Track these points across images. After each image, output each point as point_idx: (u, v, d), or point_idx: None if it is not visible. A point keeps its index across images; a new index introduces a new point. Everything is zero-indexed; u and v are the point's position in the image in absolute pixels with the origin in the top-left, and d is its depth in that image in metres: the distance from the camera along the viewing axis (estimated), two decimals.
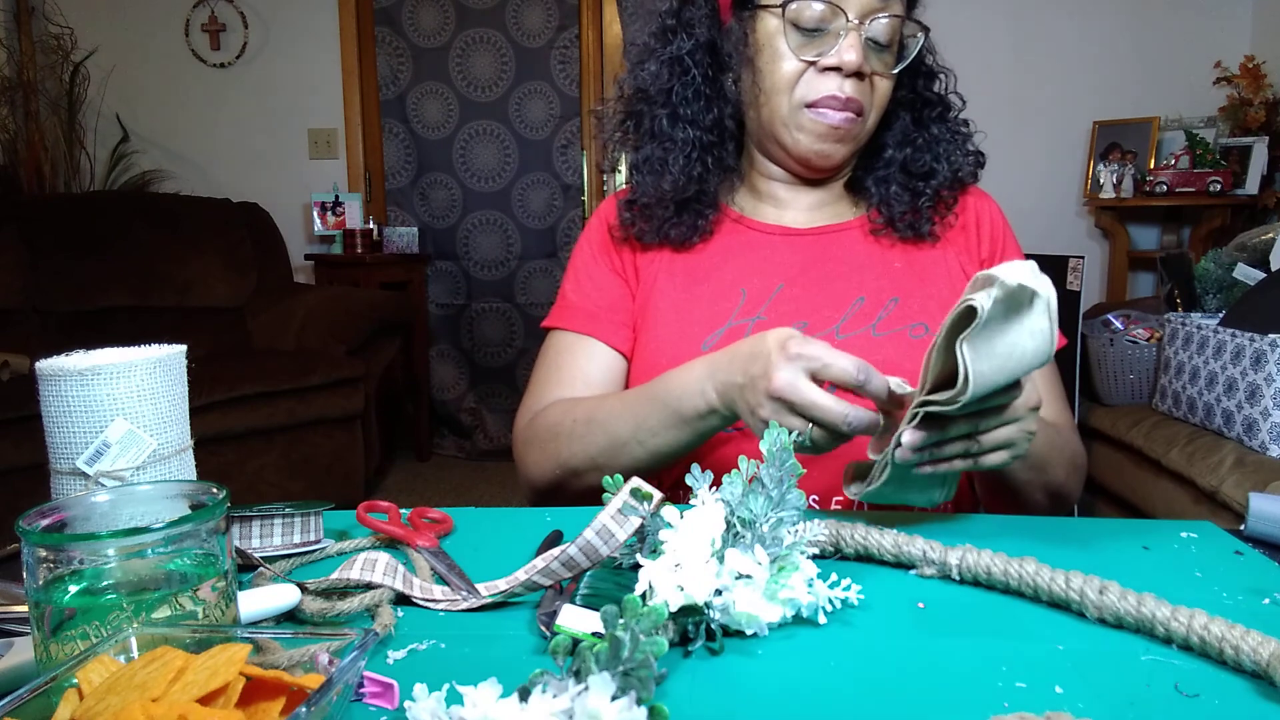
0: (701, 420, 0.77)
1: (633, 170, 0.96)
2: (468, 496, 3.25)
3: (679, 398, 0.78)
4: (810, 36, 0.86)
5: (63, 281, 3.03)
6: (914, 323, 0.90)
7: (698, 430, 0.79)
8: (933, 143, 0.94)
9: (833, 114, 0.86)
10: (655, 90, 0.93)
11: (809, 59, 0.86)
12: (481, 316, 3.87)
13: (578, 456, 0.85)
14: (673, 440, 0.80)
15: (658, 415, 0.79)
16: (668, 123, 0.92)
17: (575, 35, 3.66)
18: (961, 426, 0.64)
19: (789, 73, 0.86)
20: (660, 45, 0.93)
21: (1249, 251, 2.28)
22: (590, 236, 1.01)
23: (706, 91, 0.92)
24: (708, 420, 0.77)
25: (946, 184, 0.94)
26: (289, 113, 3.73)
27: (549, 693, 0.39)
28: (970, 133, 0.97)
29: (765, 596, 0.53)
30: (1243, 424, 1.87)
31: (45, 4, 3.56)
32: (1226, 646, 0.49)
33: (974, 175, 0.97)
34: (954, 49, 1.00)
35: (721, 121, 0.92)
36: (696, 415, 0.77)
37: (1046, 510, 0.87)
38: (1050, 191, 3.46)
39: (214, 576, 0.48)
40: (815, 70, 0.86)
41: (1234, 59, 3.10)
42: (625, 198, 0.97)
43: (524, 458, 0.92)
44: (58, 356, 0.60)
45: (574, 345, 0.95)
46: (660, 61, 0.92)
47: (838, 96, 0.85)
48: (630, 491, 0.57)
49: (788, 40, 0.86)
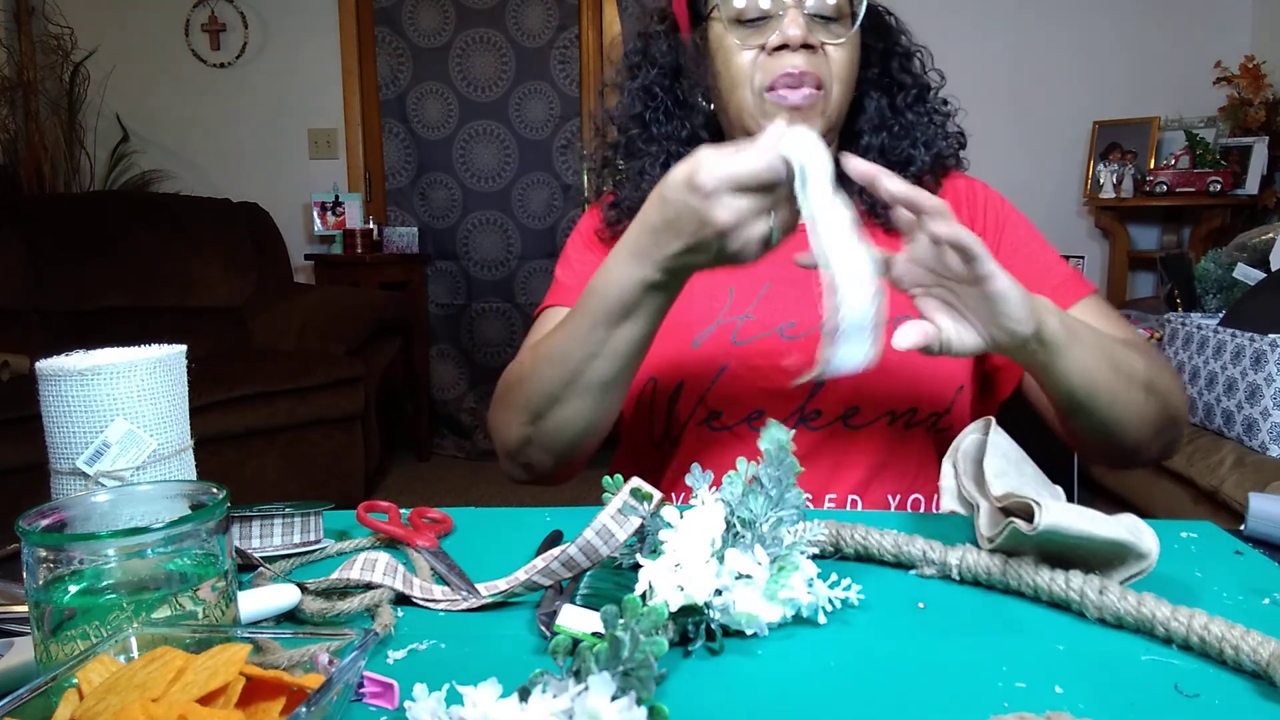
0: (648, 297, 0.72)
1: (616, 187, 0.99)
2: (468, 496, 3.25)
3: (618, 291, 0.72)
4: (756, 26, 0.87)
5: (63, 281, 3.03)
6: (899, 315, 0.90)
7: (649, 312, 0.73)
8: (910, 128, 0.94)
9: (791, 94, 0.86)
10: (630, 118, 0.97)
11: (758, 45, 0.87)
12: (481, 316, 3.87)
13: (536, 396, 0.81)
14: (629, 335, 0.75)
15: (601, 319, 0.74)
16: (643, 141, 0.96)
17: (575, 35, 3.66)
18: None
19: (742, 64, 0.88)
20: (630, 79, 0.99)
21: (1249, 251, 2.28)
22: (577, 239, 1.03)
23: (677, 111, 0.96)
24: (654, 296, 0.72)
25: (927, 169, 0.94)
26: (289, 113, 3.73)
27: (549, 693, 0.39)
28: (950, 112, 0.97)
29: (765, 596, 0.53)
30: (1243, 424, 1.87)
31: (45, 4, 3.56)
32: (1226, 646, 0.49)
33: (955, 157, 0.97)
34: (954, 49, 1.00)
35: (696, 134, 0.95)
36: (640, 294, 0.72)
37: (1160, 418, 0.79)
38: (1050, 191, 3.46)
39: (214, 576, 0.48)
40: (766, 55, 0.87)
41: (1234, 59, 3.10)
42: (609, 201, 0.98)
43: (494, 424, 0.89)
44: (58, 356, 0.60)
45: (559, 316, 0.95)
46: (631, 93, 0.98)
47: (791, 73, 0.85)
48: (630, 491, 0.57)
49: (735, 35, 0.88)
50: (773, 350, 0.90)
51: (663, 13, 0.98)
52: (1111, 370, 0.74)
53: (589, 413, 0.79)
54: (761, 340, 0.90)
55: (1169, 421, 0.81)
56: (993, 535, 0.61)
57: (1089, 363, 0.72)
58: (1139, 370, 0.77)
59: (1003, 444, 0.67)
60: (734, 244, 0.65)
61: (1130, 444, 0.80)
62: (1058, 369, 0.71)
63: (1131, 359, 0.77)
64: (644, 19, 1.00)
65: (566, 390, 0.79)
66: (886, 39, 0.96)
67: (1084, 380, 0.73)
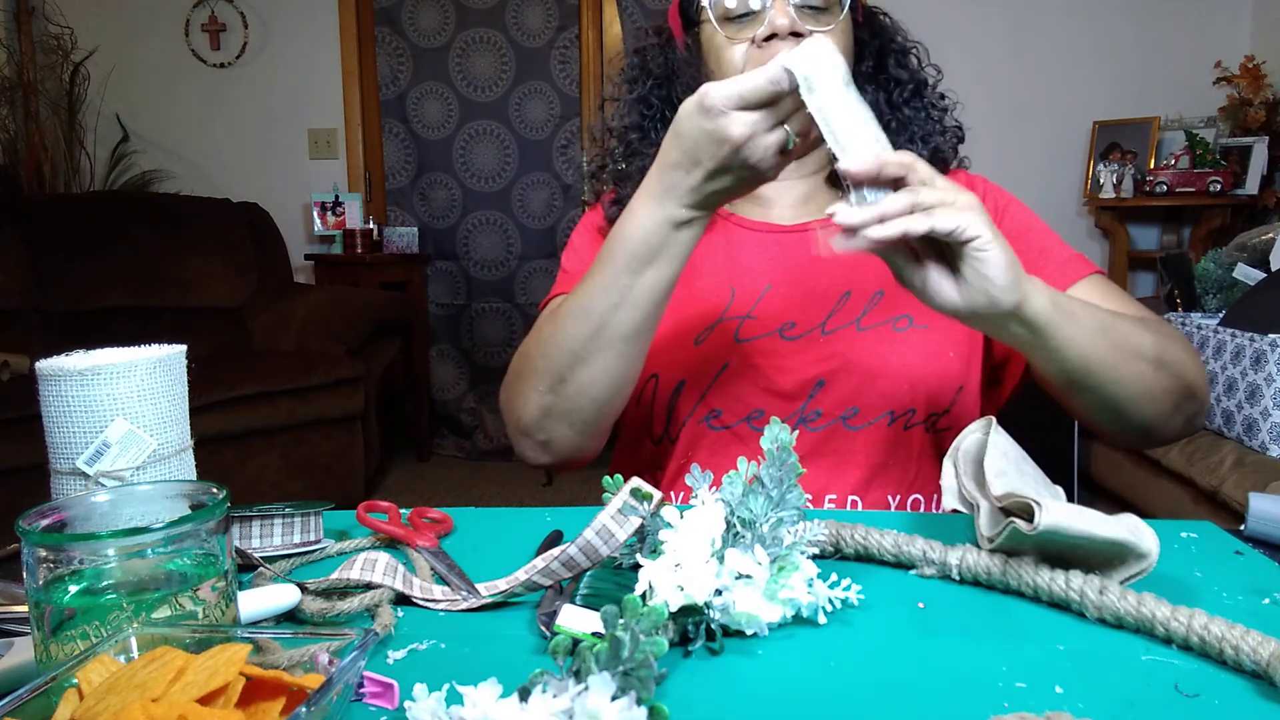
0: (675, 236, 0.73)
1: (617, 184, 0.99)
2: (468, 496, 3.25)
3: (643, 235, 0.73)
4: (744, 22, 0.88)
5: (63, 281, 3.03)
6: (898, 315, 0.90)
7: (677, 253, 0.74)
8: (907, 124, 0.94)
9: None
10: (628, 125, 0.99)
11: (748, 39, 0.87)
12: (481, 316, 3.87)
13: (557, 357, 0.79)
14: (655, 280, 0.75)
15: (625, 266, 0.74)
16: (640, 144, 0.97)
17: (575, 35, 3.66)
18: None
19: (733, 58, 0.88)
20: (628, 91, 1.01)
21: (1249, 251, 2.28)
22: (581, 232, 1.03)
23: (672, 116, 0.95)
24: (682, 233, 0.73)
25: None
26: (289, 113, 3.73)
27: (549, 693, 0.39)
28: (947, 106, 0.97)
29: (765, 596, 0.53)
30: (1243, 424, 1.87)
31: (45, 4, 3.56)
32: (1226, 646, 0.49)
33: (954, 152, 0.97)
34: (954, 49, 1.00)
35: None
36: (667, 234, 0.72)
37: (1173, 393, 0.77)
38: (1050, 191, 3.46)
39: (214, 576, 0.48)
40: (756, 48, 0.87)
41: (1234, 59, 3.10)
42: (611, 199, 0.98)
43: (510, 402, 0.87)
44: (58, 356, 0.60)
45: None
46: (628, 104, 1.00)
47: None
48: (630, 491, 0.57)
49: (724, 31, 0.88)
50: (773, 351, 0.90)
51: (658, 28, 1.00)
52: (1111, 347, 0.73)
53: (614, 369, 0.78)
54: (762, 340, 0.90)
55: (1185, 395, 0.79)
56: (993, 535, 0.61)
57: (1084, 340, 0.71)
58: (1146, 346, 0.75)
59: (1003, 444, 0.67)
60: (753, 155, 0.67)
61: (1145, 421, 0.78)
62: (1048, 347, 0.70)
63: (1138, 334, 0.75)
64: (640, 36, 1.03)
65: (590, 345, 0.77)
66: (880, 36, 0.96)
67: (1079, 358, 0.72)
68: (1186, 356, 0.80)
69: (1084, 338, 0.71)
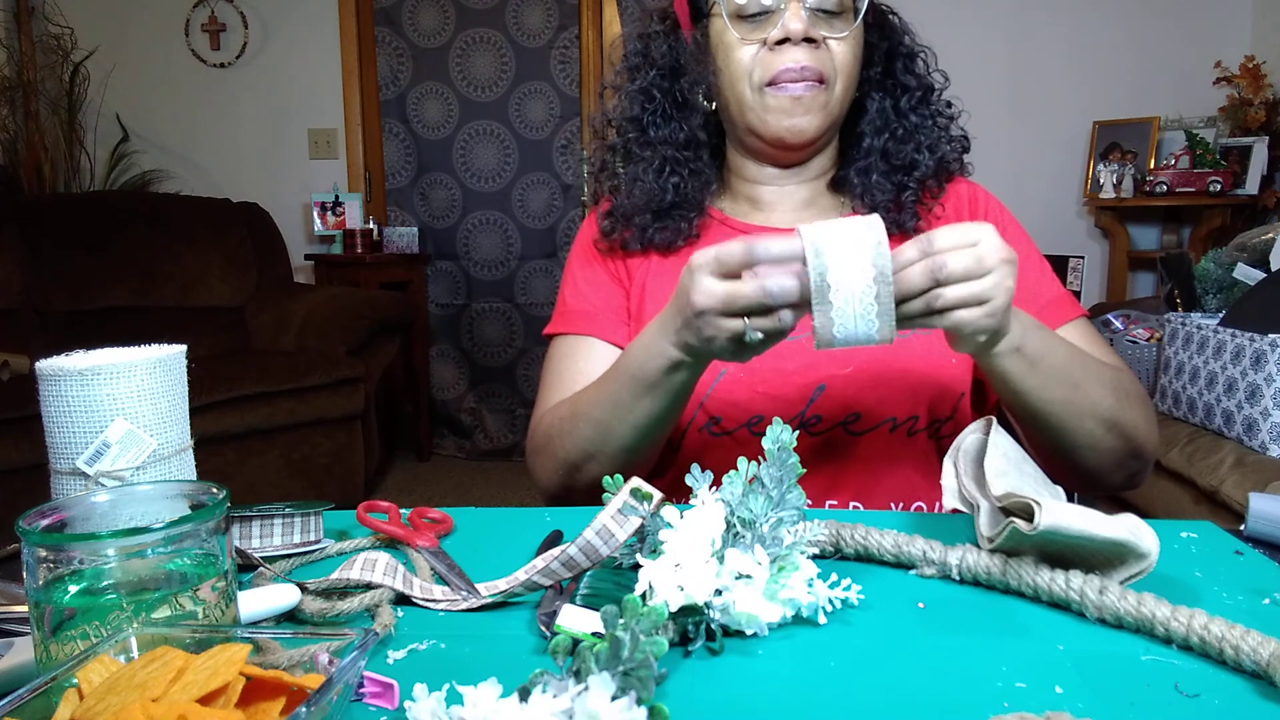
0: (669, 378, 0.75)
1: (611, 192, 0.99)
2: (468, 496, 3.25)
3: (641, 364, 0.76)
4: (757, 22, 0.87)
5: (63, 281, 3.03)
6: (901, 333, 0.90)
7: (670, 390, 0.76)
8: (914, 131, 0.93)
9: (792, 86, 0.87)
10: (628, 120, 0.97)
11: (759, 40, 0.87)
12: (481, 316, 3.87)
13: (573, 451, 0.84)
14: (650, 409, 0.78)
15: (628, 388, 0.78)
16: (638, 146, 0.96)
17: (575, 35, 3.66)
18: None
19: (744, 58, 0.88)
20: (630, 82, 0.98)
21: (1249, 251, 2.28)
22: (579, 250, 1.02)
23: (675, 114, 0.96)
24: (675, 376, 0.75)
25: (931, 174, 0.93)
26: (289, 113, 3.73)
27: (549, 693, 0.39)
28: (954, 114, 0.97)
29: (765, 596, 0.53)
30: (1243, 424, 1.87)
31: (45, 4, 3.56)
32: (1226, 646, 0.49)
33: (959, 162, 0.97)
34: (954, 49, 1.00)
35: (694, 135, 0.95)
36: (662, 373, 0.75)
37: (1119, 452, 0.79)
38: (1050, 191, 3.46)
39: (214, 576, 0.48)
40: (768, 50, 0.87)
41: (1234, 59, 3.10)
42: (604, 210, 0.98)
43: (534, 468, 0.92)
44: (58, 356, 0.60)
45: (575, 348, 0.95)
46: (628, 95, 0.98)
47: (792, 68, 0.86)
48: (630, 491, 0.57)
49: (736, 30, 0.88)
50: (771, 355, 0.90)
51: (663, 13, 0.98)
52: (1066, 403, 0.75)
53: (626, 461, 0.82)
54: None
55: (1130, 454, 0.81)
56: (993, 535, 0.61)
57: (1043, 391, 0.74)
58: (1104, 407, 0.77)
59: (1003, 444, 0.67)
60: (705, 329, 0.67)
61: (1087, 470, 0.81)
62: (1008, 388, 0.74)
63: (1099, 391, 0.77)
64: (644, 20, 1.00)
65: (601, 447, 0.82)
66: (890, 38, 0.95)
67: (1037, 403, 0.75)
68: (1140, 418, 0.81)
69: (1045, 389, 0.74)
